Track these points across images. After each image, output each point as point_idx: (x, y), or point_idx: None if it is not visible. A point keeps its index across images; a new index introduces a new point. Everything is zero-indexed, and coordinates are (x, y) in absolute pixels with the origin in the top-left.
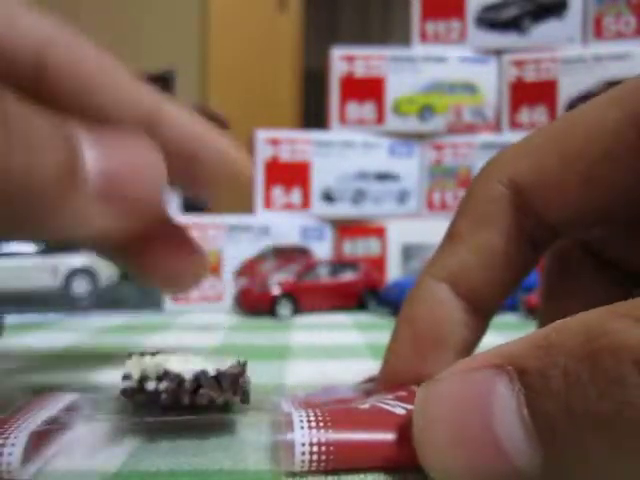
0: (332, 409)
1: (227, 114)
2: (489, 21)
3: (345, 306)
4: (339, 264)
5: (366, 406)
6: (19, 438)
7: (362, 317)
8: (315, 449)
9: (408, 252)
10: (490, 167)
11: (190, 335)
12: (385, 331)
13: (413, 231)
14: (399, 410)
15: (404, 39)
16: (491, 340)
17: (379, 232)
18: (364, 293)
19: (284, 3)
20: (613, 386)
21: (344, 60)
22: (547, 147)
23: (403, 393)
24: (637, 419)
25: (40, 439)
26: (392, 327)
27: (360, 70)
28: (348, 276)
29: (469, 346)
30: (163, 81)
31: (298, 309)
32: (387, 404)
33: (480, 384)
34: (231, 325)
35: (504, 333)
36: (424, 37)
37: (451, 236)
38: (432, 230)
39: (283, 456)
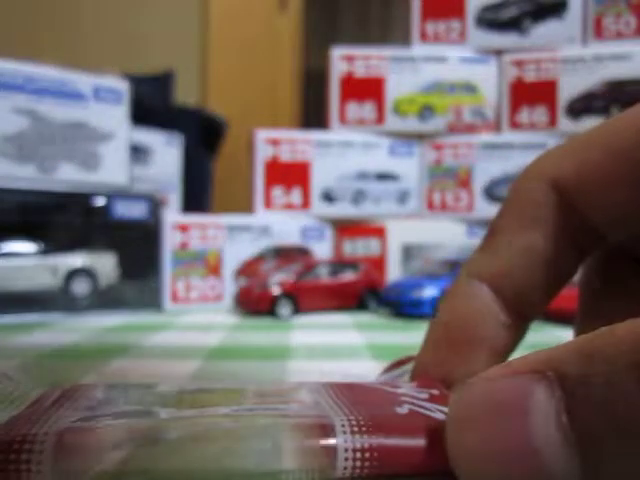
0: (372, 414)
1: (227, 114)
2: (489, 21)
3: (345, 306)
4: (339, 264)
5: (405, 411)
6: (49, 435)
7: (362, 317)
8: (358, 455)
9: (408, 252)
10: (534, 166)
11: (190, 335)
12: (385, 331)
13: (413, 231)
14: (438, 415)
15: (404, 39)
16: None
17: (379, 232)
18: (364, 293)
19: (284, 3)
20: None
21: (344, 60)
22: (593, 146)
23: (436, 392)
24: None
25: (71, 435)
26: (392, 327)
27: (360, 70)
28: (348, 276)
29: (506, 349)
30: (163, 81)
31: (298, 309)
32: (425, 407)
33: (517, 389)
34: (231, 325)
35: None
36: (424, 37)
37: (493, 235)
38: (432, 230)
39: (322, 461)
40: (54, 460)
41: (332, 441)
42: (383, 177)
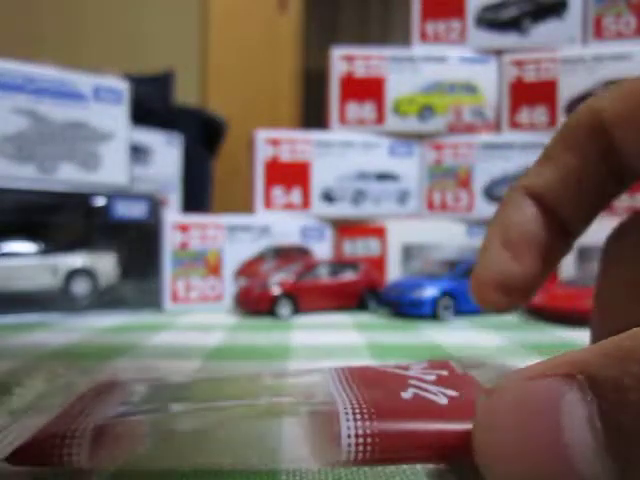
0: (376, 399)
1: (227, 114)
2: (489, 21)
3: (345, 306)
4: (339, 264)
5: (409, 395)
6: (86, 431)
7: (362, 317)
8: (361, 440)
9: (408, 252)
10: (588, 101)
11: (190, 335)
12: (385, 331)
13: (413, 231)
14: (442, 400)
15: (404, 39)
16: (490, 340)
17: (379, 232)
18: (364, 293)
19: (284, 3)
20: None
21: (344, 60)
22: (630, 88)
23: (444, 373)
24: None
25: (107, 431)
26: (392, 327)
27: (360, 70)
28: (348, 276)
29: (555, 258)
30: (163, 81)
31: (298, 309)
32: (429, 391)
33: (548, 392)
34: (231, 325)
35: (503, 333)
36: (424, 37)
37: (542, 156)
38: (432, 230)
39: (327, 447)
40: (90, 451)
41: (336, 427)
42: (383, 177)
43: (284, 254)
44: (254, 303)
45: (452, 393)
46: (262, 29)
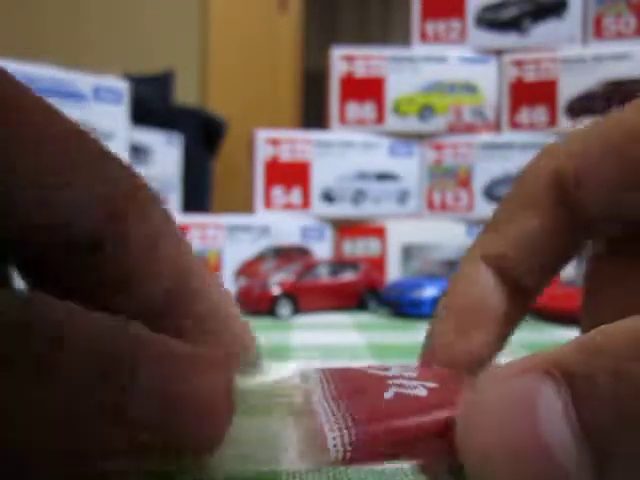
0: (357, 402)
1: (227, 114)
2: (489, 21)
3: (345, 306)
4: (339, 264)
5: (391, 395)
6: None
7: (362, 317)
8: (347, 443)
9: (408, 252)
10: (538, 159)
11: None
12: (385, 331)
13: (413, 231)
14: (421, 391)
15: (404, 39)
16: None
17: (379, 232)
18: (364, 293)
19: (284, 3)
20: None
21: (344, 60)
22: (591, 142)
23: (426, 370)
24: None
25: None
26: (392, 327)
27: (360, 70)
28: (348, 276)
29: (511, 324)
30: (163, 81)
31: (298, 309)
32: (409, 387)
33: (525, 389)
34: None
35: None
36: (424, 37)
37: (492, 221)
38: (432, 230)
39: (314, 452)
40: None
41: (321, 437)
42: (383, 177)
43: (284, 254)
44: (254, 303)
45: (431, 384)
46: (262, 29)
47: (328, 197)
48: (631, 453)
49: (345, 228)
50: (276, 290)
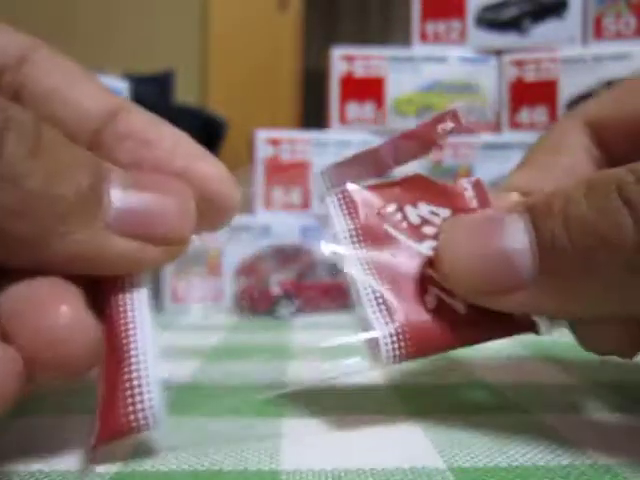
0: (405, 311)
1: (227, 114)
2: (489, 21)
3: (345, 306)
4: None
5: (432, 302)
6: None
7: None
8: (394, 339)
9: None
10: (572, 112)
11: (190, 335)
12: None
13: None
14: (461, 309)
15: (404, 39)
16: None
17: None
18: None
19: (284, 3)
20: (600, 199)
21: (344, 60)
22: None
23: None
24: (614, 219)
25: None
26: None
27: (360, 70)
28: None
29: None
30: (163, 81)
31: (298, 309)
32: (448, 294)
33: (497, 215)
34: (231, 325)
35: None
36: (424, 37)
37: (527, 157)
38: None
39: (371, 354)
40: None
41: (372, 334)
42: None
43: (284, 254)
44: (254, 303)
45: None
46: (262, 29)
47: None
48: (571, 253)
49: None
50: (276, 290)
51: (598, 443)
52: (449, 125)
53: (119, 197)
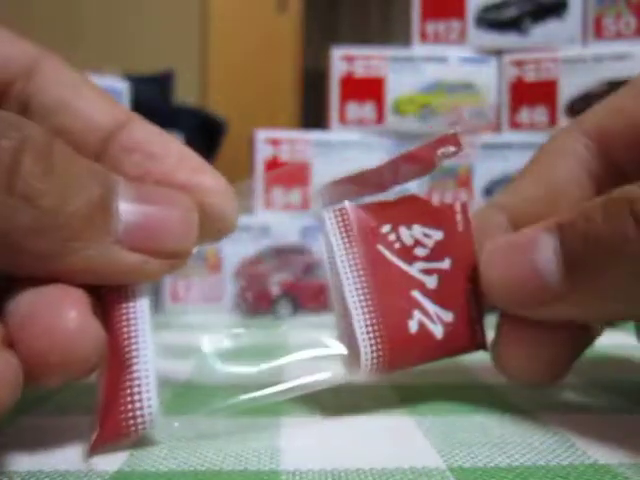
0: (387, 325)
1: (227, 114)
2: (489, 21)
3: None
4: None
5: (414, 326)
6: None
7: None
8: (374, 348)
9: None
10: (572, 122)
11: (190, 335)
12: None
13: None
14: (439, 333)
15: (404, 39)
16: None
17: None
18: None
19: (284, 3)
20: (613, 218)
21: (344, 60)
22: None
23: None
24: (623, 233)
25: None
26: None
27: (360, 70)
28: None
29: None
30: (163, 81)
31: (298, 309)
32: (430, 317)
33: (530, 234)
34: (231, 325)
35: None
36: (424, 37)
37: (520, 174)
38: None
39: (352, 366)
40: None
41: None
42: None
43: (284, 254)
44: (254, 303)
45: (446, 264)
46: (262, 29)
47: None
48: (590, 263)
49: None
50: (276, 290)
51: (598, 443)
52: (450, 150)
53: (126, 209)
